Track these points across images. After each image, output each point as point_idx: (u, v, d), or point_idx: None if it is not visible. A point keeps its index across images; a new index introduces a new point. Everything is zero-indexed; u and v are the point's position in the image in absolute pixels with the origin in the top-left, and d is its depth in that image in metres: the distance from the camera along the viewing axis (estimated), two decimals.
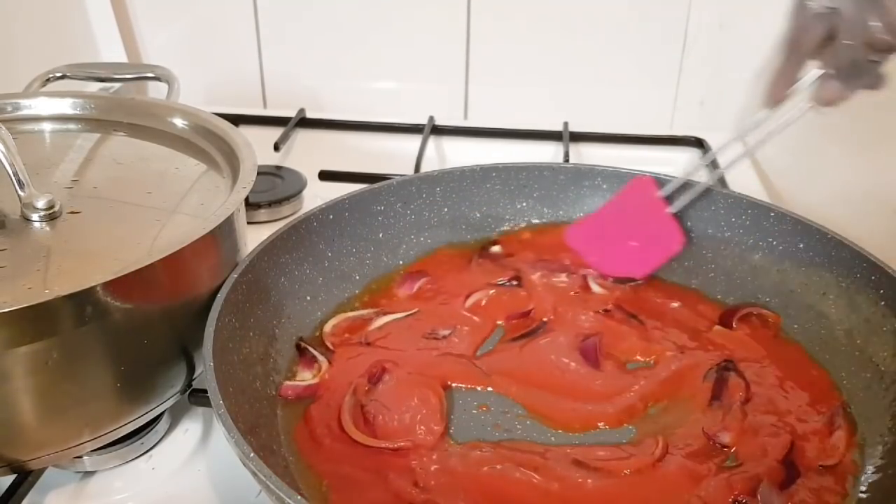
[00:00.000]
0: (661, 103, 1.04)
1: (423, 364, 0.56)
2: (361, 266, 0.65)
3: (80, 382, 0.45)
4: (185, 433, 0.54)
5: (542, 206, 0.71)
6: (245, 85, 1.09)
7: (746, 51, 0.96)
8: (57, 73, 0.72)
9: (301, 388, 0.54)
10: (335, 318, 0.60)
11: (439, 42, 1.04)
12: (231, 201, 0.51)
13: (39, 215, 0.50)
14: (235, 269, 0.53)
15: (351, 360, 0.56)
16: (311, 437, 0.50)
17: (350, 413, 0.51)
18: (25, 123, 0.64)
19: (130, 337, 0.46)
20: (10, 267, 0.46)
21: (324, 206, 0.63)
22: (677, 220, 0.66)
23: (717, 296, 0.65)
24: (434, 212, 0.69)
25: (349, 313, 0.61)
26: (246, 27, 1.06)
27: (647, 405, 0.54)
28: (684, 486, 0.47)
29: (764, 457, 0.48)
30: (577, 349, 0.58)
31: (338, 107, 1.07)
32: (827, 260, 0.60)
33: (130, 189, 0.56)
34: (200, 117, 0.62)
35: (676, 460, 0.48)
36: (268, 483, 0.38)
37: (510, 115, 1.01)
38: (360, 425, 0.51)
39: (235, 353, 0.50)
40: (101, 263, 0.47)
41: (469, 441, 0.51)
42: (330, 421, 0.51)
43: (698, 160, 0.80)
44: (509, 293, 0.64)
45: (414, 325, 0.60)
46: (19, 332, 0.41)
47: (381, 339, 0.59)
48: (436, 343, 0.59)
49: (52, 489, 0.50)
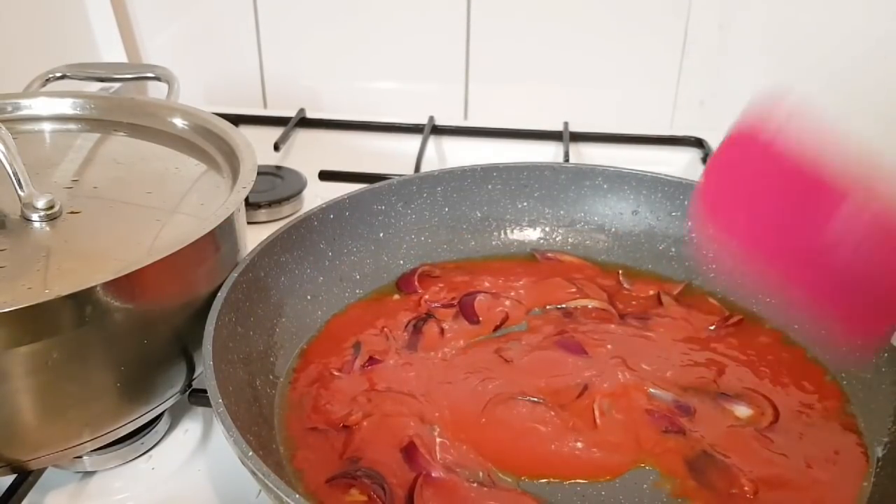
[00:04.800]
0: (661, 103, 1.04)
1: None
2: (362, 265, 0.65)
3: (80, 382, 0.45)
4: (185, 433, 0.54)
5: (542, 206, 0.71)
6: (245, 85, 1.09)
7: (746, 51, 0.97)
8: (57, 73, 0.72)
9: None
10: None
11: (439, 42, 1.04)
12: (231, 201, 0.51)
13: (39, 215, 0.50)
14: (236, 269, 0.53)
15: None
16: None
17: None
18: (25, 123, 0.64)
19: (130, 337, 0.46)
20: (10, 267, 0.46)
21: (324, 206, 0.63)
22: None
23: (718, 295, 0.64)
24: (435, 211, 0.69)
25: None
26: (246, 27, 1.06)
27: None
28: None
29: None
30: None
31: (338, 107, 1.07)
32: None
33: (130, 189, 0.56)
34: (200, 117, 0.62)
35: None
36: (266, 482, 0.38)
37: (510, 115, 1.01)
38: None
39: (235, 353, 0.50)
40: (101, 263, 0.48)
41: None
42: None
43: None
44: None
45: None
46: (19, 332, 0.41)
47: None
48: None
49: (52, 489, 0.50)
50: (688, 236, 0.67)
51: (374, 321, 0.61)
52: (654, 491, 0.47)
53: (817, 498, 0.47)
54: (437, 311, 0.62)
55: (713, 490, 0.47)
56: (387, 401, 0.53)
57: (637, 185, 0.69)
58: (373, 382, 0.55)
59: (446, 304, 0.63)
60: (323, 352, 0.58)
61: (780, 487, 0.47)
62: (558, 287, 0.65)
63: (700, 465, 0.49)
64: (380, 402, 0.53)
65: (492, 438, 0.51)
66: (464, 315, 0.62)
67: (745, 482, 0.47)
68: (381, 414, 0.52)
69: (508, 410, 0.53)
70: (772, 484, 0.47)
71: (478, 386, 0.55)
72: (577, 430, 0.51)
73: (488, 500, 0.46)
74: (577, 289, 0.65)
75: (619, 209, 0.70)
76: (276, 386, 0.54)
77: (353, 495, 0.46)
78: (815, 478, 0.48)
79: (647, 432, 0.51)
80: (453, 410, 0.53)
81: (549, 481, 0.48)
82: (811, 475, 0.48)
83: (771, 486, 0.47)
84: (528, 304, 0.64)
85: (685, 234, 0.67)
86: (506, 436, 0.51)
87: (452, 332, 0.60)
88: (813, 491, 0.47)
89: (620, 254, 0.69)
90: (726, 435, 0.51)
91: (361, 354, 0.58)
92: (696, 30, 0.99)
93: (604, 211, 0.70)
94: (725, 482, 0.48)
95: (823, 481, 0.48)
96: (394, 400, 0.53)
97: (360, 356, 0.57)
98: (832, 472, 0.48)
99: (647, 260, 0.69)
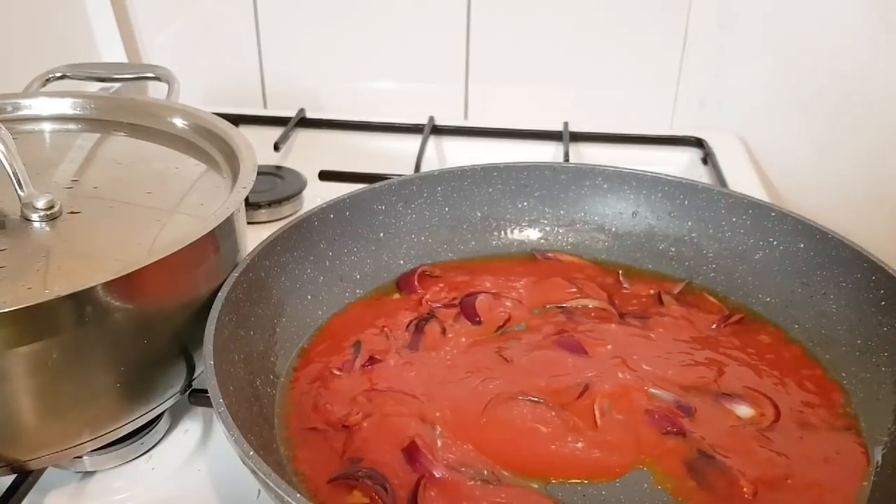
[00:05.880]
0: (661, 103, 1.04)
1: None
2: (362, 265, 0.65)
3: (80, 382, 0.45)
4: (185, 433, 0.54)
5: (543, 206, 0.71)
6: (245, 85, 1.09)
7: (746, 51, 0.97)
8: (57, 74, 0.72)
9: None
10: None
11: (439, 42, 1.04)
12: (231, 201, 0.51)
13: (39, 215, 0.50)
14: (236, 269, 0.53)
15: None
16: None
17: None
18: (25, 123, 0.64)
19: (130, 337, 0.46)
20: (10, 267, 0.46)
21: (325, 206, 0.63)
22: None
23: (719, 294, 0.65)
24: (435, 211, 0.69)
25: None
26: (246, 27, 1.06)
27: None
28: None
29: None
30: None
31: (338, 107, 1.07)
32: (828, 260, 0.60)
33: (130, 189, 0.56)
34: (200, 117, 0.62)
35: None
36: (268, 482, 0.38)
37: (510, 115, 1.01)
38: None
39: (236, 352, 0.50)
40: (101, 263, 0.48)
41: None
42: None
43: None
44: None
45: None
46: (19, 332, 0.41)
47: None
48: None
49: (52, 489, 0.50)
50: (688, 236, 0.67)
51: (375, 321, 0.61)
52: (655, 491, 0.47)
53: (817, 498, 0.47)
54: (438, 312, 0.62)
55: (713, 491, 0.47)
56: (387, 400, 0.53)
57: (637, 185, 0.69)
58: (373, 382, 0.55)
59: (447, 304, 0.63)
60: (323, 351, 0.58)
61: (780, 488, 0.47)
62: (558, 287, 0.65)
63: (700, 465, 0.49)
64: (380, 402, 0.53)
65: (492, 438, 0.50)
66: (465, 315, 0.62)
67: (744, 483, 0.47)
68: (381, 414, 0.52)
69: (509, 410, 0.53)
70: (772, 484, 0.47)
71: (478, 386, 0.55)
72: (577, 431, 0.51)
73: (493, 497, 0.46)
74: (578, 288, 0.65)
75: (619, 209, 0.70)
76: (276, 385, 0.54)
77: (355, 497, 0.46)
78: (815, 478, 0.48)
79: (647, 433, 0.51)
80: (454, 410, 0.52)
81: (549, 481, 0.48)
82: (811, 475, 0.48)
83: (771, 486, 0.47)
84: (529, 304, 0.64)
85: (685, 233, 0.67)
86: (506, 436, 0.51)
87: (454, 332, 0.60)
88: (813, 491, 0.47)
89: (620, 254, 0.69)
90: (727, 435, 0.51)
91: (362, 354, 0.58)
92: (696, 30, 0.99)
93: (604, 211, 0.70)
94: (725, 483, 0.48)
95: (823, 482, 0.48)
96: (394, 399, 0.53)
97: (360, 356, 0.57)
98: (832, 473, 0.48)
99: (647, 260, 0.69)
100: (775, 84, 0.93)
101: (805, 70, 0.87)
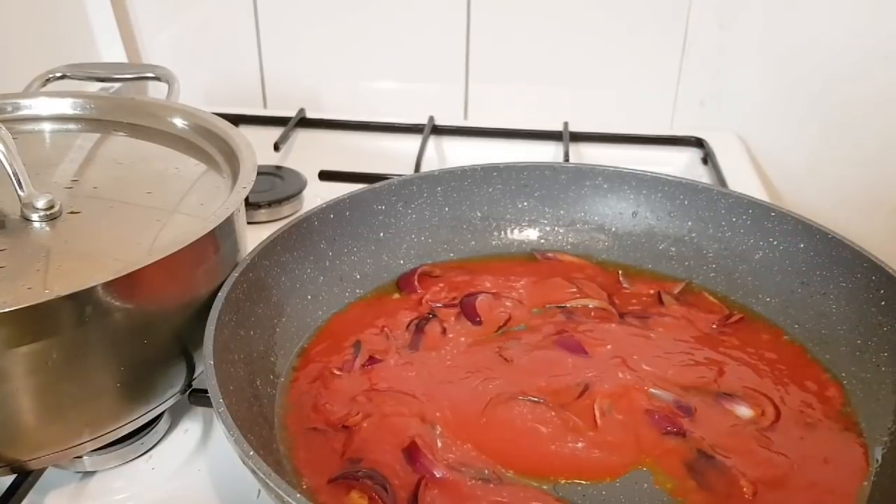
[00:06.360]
0: (661, 103, 1.04)
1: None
2: (362, 265, 0.65)
3: (80, 382, 0.45)
4: (185, 433, 0.54)
5: (543, 206, 0.71)
6: (245, 85, 1.09)
7: (746, 51, 0.97)
8: (57, 74, 0.71)
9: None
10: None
11: (439, 42, 1.04)
12: (231, 201, 0.51)
13: (39, 215, 0.50)
14: (236, 269, 0.53)
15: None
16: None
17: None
18: (25, 123, 0.64)
19: (130, 337, 0.46)
20: (10, 267, 0.46)
21: (325, 206, 0.63)
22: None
23: (719, 294, 0.65)
24: (435, 211, 0.69)
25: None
26: (246, 27, 1.06)
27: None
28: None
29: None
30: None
31: (338, 107, 1.07)
32: (827, 260, 0.60)
33: (130, 189, 0.56)
34: (200, 117, 0.62)
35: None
36: (268, 482, 0.38)
37: (510, 115, 1.01)
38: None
39: (236, 352, 0.50)
40: (101, 263, 0.48)
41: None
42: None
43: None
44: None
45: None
46: (19, 332, 0.41)
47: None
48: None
49: (52, 489, 0.50)
50: (688, 236, 0.67)
51: (375, 321, 0.61)
52: (654, 491, 0.47)
53: (817, 498, 0.47)
54: (438, 311, 0.62)
55: (713, 491, 0.47)
56: (387, 400, 0.53)
57: (637, 185, 0.69)
58: (373, 382, 0.55)
59: (447, 304, 0.63)
60: (323, 351, 0.58)
61: (780, 488, 0.47)
62: (558, 287, 0.65)
63: (700, 465, 0.49)
64: (380, 402, 0.53)
65: (493, 438, 0.50)
66: (465, 315, 0.62)
67: (744, 483, 0.47)
68: (381, 414, 0.52)
69: (509, 410, 0.53)
70: (772, 484, 0.47)
71: (478, 386, 0.55)
72: (577, 431, 0.51)
73: (494, 496, 0.46)
74: (578, 288, 0.65)
75: (619, 209, 0.70)
76: (276, 385, 0.54)
77: (355, 497, 0.46)
78: (814, 478, 0.48)
79: (647, 433, 0.51)
80: (454, 410, 0.52)
81: (549, 481, 0.48)
82: (811, 475, 0.48)
83: (771, 486, 0.47)
84: (529, 304, 0.64)
85: (685, 233, 0.67)
86: (507, 436, 0.51)
87: (454, 332, 0.60)
88: (813, 491, 0.47)
89: (620, 254, 0.69)
90: (727, 435, 0.51)
91: (362, 354, 0.58)
92: (696, 30, 0.99)
93: (604, 211, 0.70)
94: (725, 483, 0.48)
95: (823, 482, 0.48)
96: (394, 399, 0.53)
97: (360, 355, 0.57)
98: (832, 473, 0.48)
99: (647, 260, 0.69)
100: (775, 84, 0.93)
101: (805, 70, 0.88)
